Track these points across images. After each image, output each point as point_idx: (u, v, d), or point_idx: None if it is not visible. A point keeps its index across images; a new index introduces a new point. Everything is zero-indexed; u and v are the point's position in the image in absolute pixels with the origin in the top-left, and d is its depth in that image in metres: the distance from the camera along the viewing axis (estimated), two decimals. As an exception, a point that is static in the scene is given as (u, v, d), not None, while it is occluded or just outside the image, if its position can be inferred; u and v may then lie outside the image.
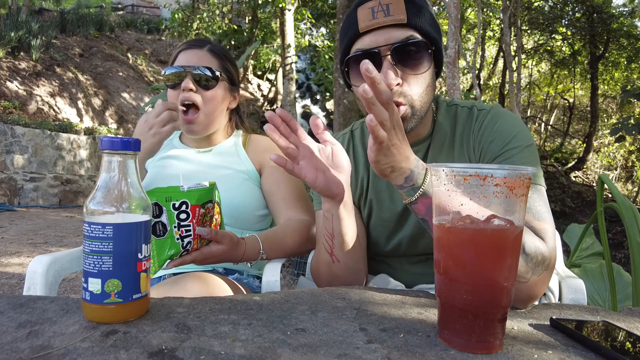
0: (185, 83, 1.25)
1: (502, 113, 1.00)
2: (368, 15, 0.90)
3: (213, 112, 1.30)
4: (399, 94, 0.90)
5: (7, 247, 4.45)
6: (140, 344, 0.54)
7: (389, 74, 0.88)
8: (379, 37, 0.90)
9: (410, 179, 0.76)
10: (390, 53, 0.89)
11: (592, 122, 12.87)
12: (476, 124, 1.00)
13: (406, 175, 0.76)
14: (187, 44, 1.34)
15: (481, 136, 0.98)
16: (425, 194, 0.77)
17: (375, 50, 0.90)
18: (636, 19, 11.80)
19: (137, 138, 0.69)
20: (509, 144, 0.93)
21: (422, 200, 0.78)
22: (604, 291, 1.92)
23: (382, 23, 0.89)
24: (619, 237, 7.40)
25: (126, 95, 11.04)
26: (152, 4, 18.30)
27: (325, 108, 14.87)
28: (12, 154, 7.67)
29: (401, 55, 0.90)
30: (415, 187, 0.77)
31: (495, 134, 0.96)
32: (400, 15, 0.89)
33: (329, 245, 0.92)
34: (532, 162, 0.91)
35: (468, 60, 5.44)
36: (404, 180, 0.76)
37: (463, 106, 1.05)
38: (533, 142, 0.95)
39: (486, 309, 0.56)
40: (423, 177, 0.77)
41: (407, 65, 0.91)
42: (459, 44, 3.92)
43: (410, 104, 0.91)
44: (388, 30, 0.90)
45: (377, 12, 0.89)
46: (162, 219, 0.85)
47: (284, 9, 9.64)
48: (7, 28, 9.67)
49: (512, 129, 0.95)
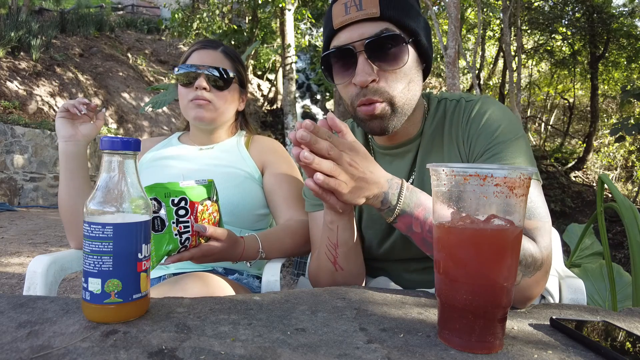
0: (199, 81, 1.28)
1: (489, 103, 0.97)
2: (341, 11, 0.88)
3: (223, 110, 1.34)
4: (373, 91, 0.88)
5: (7, 247, 4.45)
6: (140, 344, 0.54)
7: (364, 70, 0.86)
8: (352, 33, 0.88)
9: (385, 202, 0.76)
10: (364, 48, 0.87)
11: (592, 122, 12.87)
12: (464, 116, 0.97)
13: (380, 199, 0.75)
14: (201, 44, 1.36)
15: (469, 128, 0.95)
16: (403, 213, 0.77)
17: (349, 46, 0.88)
18: (636, 19, 11.80)
19: (137, 138, 0.69)
20: (497, 137, 0.90)
21: (401, 219, 0.77)
22: (604, 291, 1.92)
23: (355, 18, 0.87)
24: (619, 237, 7.40)
25: (126, 95, 11.04)
26: (152, 4, 18.29)
27: (325, 108, 14.86)
28: (12, 154, 7.68)
29: (376, 50, 0.87)
30: (391, 208, 0.76)
31: (483, 126, 0.93)
32: (373, 9, 0.86)
33: (333, 255, 0.90)
34: (522, 155, 0.88)
35: (468, 60, 5.44)
36: (380, 203, 0.76)
37: (451, 99, 1.02)
38: (522, 134, 0.92)
39: (486, 309, 0.56)
40: (397, 197, 0.76)
41: (383, 60, 0.88)
42: (459, 44, 3.92)
43: (389, 100, 0.89)
44: (362, 25, 0.87)
45: (350, 7, 0.87)
46: (161, 214, 0.85)
47: (284, 9, 9.63)
48: (7, 28, 9.66)
49: (501, 121, 0.92)
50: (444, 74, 3.47)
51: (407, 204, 0.77)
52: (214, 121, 1.34)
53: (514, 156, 0.87)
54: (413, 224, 0.78)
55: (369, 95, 0.88)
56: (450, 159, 0.97)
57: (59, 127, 1.17)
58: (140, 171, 1.34)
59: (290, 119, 9.35)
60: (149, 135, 10.56)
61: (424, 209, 0.78)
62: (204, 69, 1.28)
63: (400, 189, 0.76)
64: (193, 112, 1.31)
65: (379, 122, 0.91)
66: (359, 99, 0.90)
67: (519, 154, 0.88)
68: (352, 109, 0.94)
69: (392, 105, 0.90)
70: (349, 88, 0.92)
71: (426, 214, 0.78)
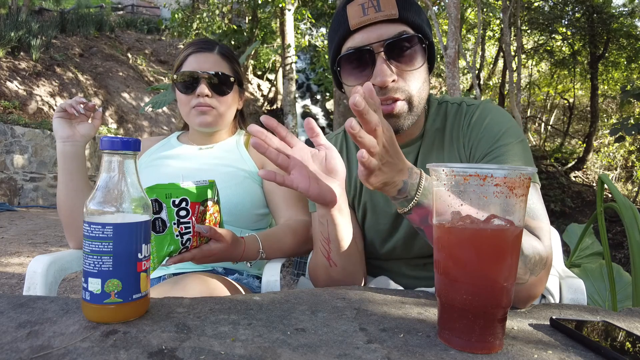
0: (200, 89, 1.27)
1: (490, 108, 0.98)
2: (358, 12, 0.88)
3: (226, 114, 1.35)
4: (395, 89, 0.89)
5: (7, 247, 4.45)
6: (140, 344, 0.54)
7: (384, 71, 0.87)
8: (370, 34, 0.88)
9: (403, 191, 0.74)
10: (383, 49, 0.87)
11: (592, 122, 12.87)
12: (465, 120, 0.98)
13: (399, 187, 0.74)
14: (196, 47, 1.33)
15: (470, 133, 0.96)
16: (419, 204, 0.75)
17: (368, 47, 0.88)
18: (636, 19, 11.81)
19: (136, 138, 0.69)
20: (498, 141, 0.91)
21: (416, 210, 0.76)
22: (604, 291, 1.92)
23: (374, 19, 0.87)
24: (619, 237, 7.40)
25: (126, 95, 11.04)
26: (152, 4, 18.29)
27: (325, 108, 14.87)
28: (12, 154, 7.67)
29: (395, 51, 0.88)
30: (408, 198, 0.75)
31: (485, 131, 0.94)
32: (392, 10, 0.87)
33: (326, 250, 0.90)
34: (523, 159, 0.89)
35: (468, 60, 5.44)
36: (397, 192, 0.74)
37: (453, 102, 1.03)
38: (523, 138, 0.93)
39: (486, 309, 0.56)
40: (416, 188, 0.74)
41: (402, 61, 0.89)
42: (459, 44, 3.92)
43: (408, 99, 0.90)
44: (380, 26, 0.88)
45: (368, 8, 0.87)
46: (162, 215, 0.85)
47: (284, 9, 9.62)
48: (7, 28, 9.66)
49: (502, 126, 0.93)
50: (444, 74, 3.47)
51: (425, 195, 0.75)
52: (217, 124, 1.34)
53: (514, 159, 0.88)
54: (429, 216, 0.76)
55: (390, 94, 0.89)
56: (450, 160, 0.97)
57: (56, 127, 1.17)
58: (140, 171, 1.34)
59: (290, 119, 9.35)
60: (149, 135, 10.56)
61: None
62: (204, 75, 1.27)
63: (419, 180, 0.75)
64: (197, 119, 1.30)
65: (395, 120, 0.91)
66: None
67: (519, 157, 0.89)
68: None
69: (410, 104, 0.91)
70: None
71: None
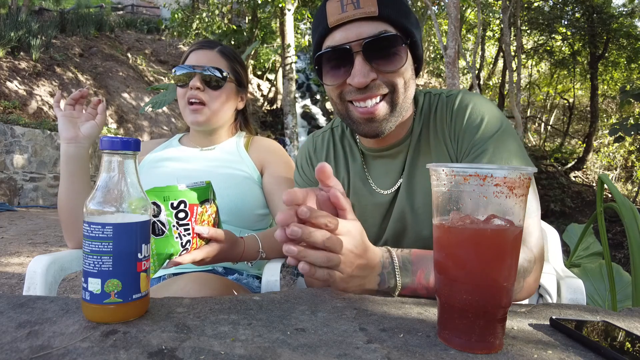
0: (193, 82, 1.30)
1: (469, 96, 0.95)
2: (337, 9, 0.84)
3: (219, 110, 1.35)
4: (377, 87, 0.86)
5: (7, 247, 4.45)
6: (140, 344, 0.54)
7: (362, 71, 0.84)
8: (349, 32, 0.84)
9: (382, 284, 0.73)
10: (362, 49, 0.83)
11: (592, 122, 12.87)
12: (447, 111, 0.96)
13: (377, 282, 0.73)
14: (198, 45, 1.37)
15: (454, 125, 0.94)
16: (404, 287, 0.73)
17: (345, 46, 0.84)
18: (636, 19, 11.81)
19: (136, 138, 0.69)
20: (482, 133, 0.89)
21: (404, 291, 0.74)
22: (604, 291, 1.92)
23: (352, 16, 0.83)
24: (619, 237, 7.41)
25: (126, 95, 11.04)
26: (152, 4, 18.30)
27: (325, 108, 14.87)
28: (12, 154, 7.67)
29: (374, 51, 0.84)
30: (391, 287, 0.73)
31: (467, 123, 0.92)
32: (371, 8, 0.82)
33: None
34: (507, 150, 0.86)
35: (468, 60, 5.44)
36: (377, 286, 0.73)
37: (435, 94, 1.02)
38: (506, 125, 0.91)
39: (486, 309, 0.56)
40: (394, 275, 0.72)
41: (382, 60, 0.85)
42: (459, 44, 3.92)
43: (389, 99, 0.88)
44: (359, 24, 0.83)
45: (347, 5, 0.83)
46: (161, 218, 0.85)
47: (283, 9, 9.63)
48: (7, 28, 9.67)
49: (482, 114, 0.91)
50: (444, 74, 3.47)
51: (405, 274, 0.73)
52: (209, 122, 1.34)
53: (500, 151, 0.86)
54: (418, 290, 0.75)
55: (369, 92, 0.86)
56: (438, 157, 0.95)
57: (61, 128, 1.18)
58: (141, 173, 1.34)
59: (290, 119, 9.35)
60: (149, 135, 10.56)
61: (422, 269, 0.75)
62: (199, 69, 1.30)
63: (392, 264, 0.72)
64: (190, 117, 1.33)
65: (376, 124, 0.89)
66: (352, 96, 0.88)
67: (504, 149, 0.87)
68: (343, 110, 0.92)
69: (392, 104, 0.88)
70: (341, 88, 0.90)
71: (426, 274, 0.74)
